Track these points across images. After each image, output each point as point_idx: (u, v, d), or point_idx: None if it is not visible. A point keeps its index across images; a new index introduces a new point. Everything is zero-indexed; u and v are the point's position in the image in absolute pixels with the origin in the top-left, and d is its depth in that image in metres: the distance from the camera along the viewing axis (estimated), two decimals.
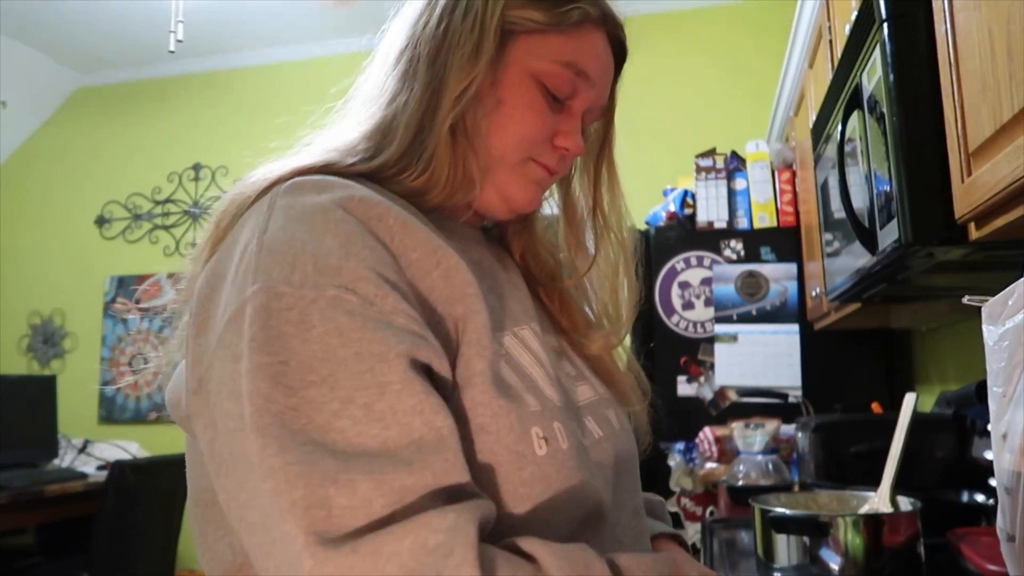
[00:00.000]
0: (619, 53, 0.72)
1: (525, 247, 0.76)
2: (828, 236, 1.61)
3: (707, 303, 2.38)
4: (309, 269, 0.49)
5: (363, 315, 0.49)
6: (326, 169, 0.61)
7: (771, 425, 1.88)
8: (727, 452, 2.04)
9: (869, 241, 1.15)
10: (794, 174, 2.42)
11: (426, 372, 0.51)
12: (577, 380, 0.69)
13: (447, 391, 0.53)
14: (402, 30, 0.69)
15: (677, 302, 2.40)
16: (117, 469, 2.77)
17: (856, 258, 1.27)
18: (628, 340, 0.78)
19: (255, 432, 0.45)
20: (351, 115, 0.70)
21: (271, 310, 0.48)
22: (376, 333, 0.48)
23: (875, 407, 1.87)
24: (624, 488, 0.67)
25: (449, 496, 0.46)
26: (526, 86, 0.66)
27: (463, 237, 0.68)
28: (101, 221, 4.22)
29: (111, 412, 3.99)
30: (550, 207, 0.78)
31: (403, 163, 0.63)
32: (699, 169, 2.51)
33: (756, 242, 2.38)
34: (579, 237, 0.75)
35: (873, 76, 1.08)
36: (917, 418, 1.12)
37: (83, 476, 3.13)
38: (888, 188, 1.02)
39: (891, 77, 1.00)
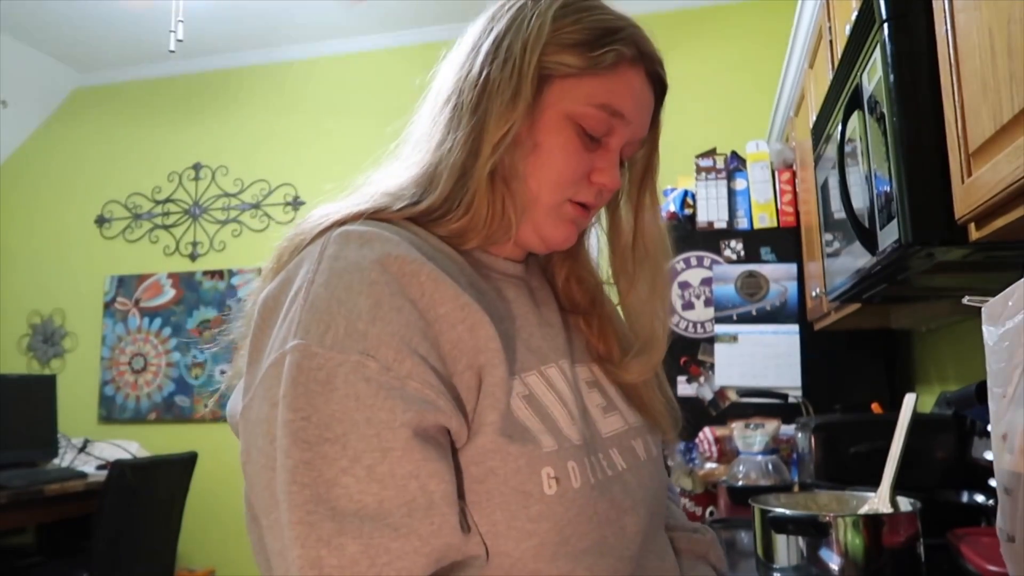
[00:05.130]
0: (659, 85, 0.74)
1: (569, 271, 0.79)
2: (828, 236, 1.61)
3: (707, 303, 2.38)
4: (340, 332, 0.56)
5: (379, 382, 0.55)
6: (376, 215, 0.66)
7: (771, 425, 1.88)
8: (727, 452, 2.04)
9: (869, 241, 1.15)
10: (794, 174, 2.41)
11: (440, 431, 0.58)
12: (606, 411, 0.72)
13: (462, 442, 0.59)
14: (449, 76, 0.72)
15: (677, 302, 2.40)
16: (117, 469, 2.77)
17: (856, 258, 1.27)
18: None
19: (279, 481, 0.54)
20: (402, 157, 0.73)
21: (303, 368, 0.55)
22: (387, 401, 0.55)
23: (875, 407, 1.87)
24: (646, 519, 0.69)
25: (432, 558, 0.54)
26: (561, 128, 0.68)
27: (501, 274, 0.72)
28: (101, 221, 4.22)
29: (111, 412, 3.99)
30: (596, 234, 0.82)
31: (446, 207, 0.68)
32: (699, 169, 2.51)
33: (756, 242, 2.38)
34: (623, 262, 0.77)
35: (873, 76, 1.08)
36: (917, 418, 1.12)
37: (83, 476, 3.13)
38: (888, 188, 1.02)
39: (891, 77, 1.00)
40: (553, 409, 0.65)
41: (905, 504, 1.10)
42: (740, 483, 1.83)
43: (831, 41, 1.72)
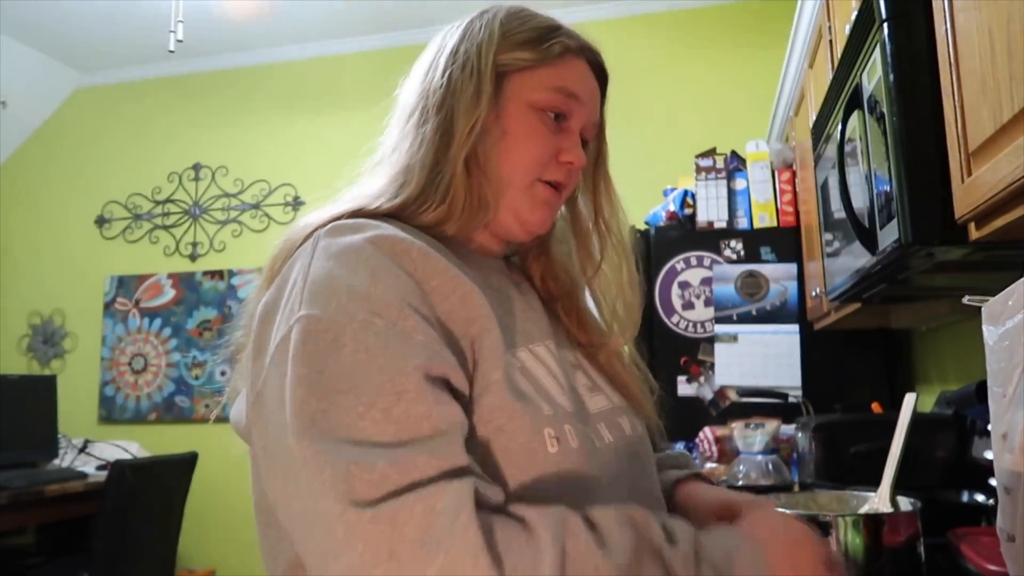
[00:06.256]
0: (601, 77, 0.82)
1: (544, 269, 0.85)
2: (828, 236, 1.61)
3: (707, 303, 2.38)
4: (344, 299, 0.59)
5: (386, 334, 0.57)
6: (357, 213, 0.70)
7: (771, 425, 1.88)
8: (727, 452, 2.04)
9: (869, 241, 1.15)
10: (794, 174, 2.42)
11: (444, 384, 0.59)
12: (592, 391, 0.77)
13: (464, 400, 0.61)
14: (413, 87, 0.79)
15: (677, 302, 2.40)
16: (117, 469, 2.77)
17: (856, 258, 1.27)
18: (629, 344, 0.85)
19: (293, 431, 0.54)
20: (376, 166, 0.79)
21: (310, 332, 0.57)
22: (397, 348, 0.57)
23: (875, 407, 1.87)
24: (637, 491, 0.73)
25: (453, 474, 0.54)
26: (525, 115, 0.75)
27: (482, 266, 0.76)
28: (101, 221, 4.22)
29: (111, 412, 3.99)
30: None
31: (423, 197, 0.72)
32: (699, 169, 2.51)
33: (756, 242, 2.38)
34: (588, 247, 0.84)
35: (873, 76, 1.08)
36: (917, 418, 1.12)
37: (83, 476, 3.13)
38: (888, 188, 1.02)
39: (891, 77, 1.00)
40: (545, 381, 0.69)
41: (905, 504, 1.10)
42: (740, 483, 1.83)
43: (831, 41, 1.72)
